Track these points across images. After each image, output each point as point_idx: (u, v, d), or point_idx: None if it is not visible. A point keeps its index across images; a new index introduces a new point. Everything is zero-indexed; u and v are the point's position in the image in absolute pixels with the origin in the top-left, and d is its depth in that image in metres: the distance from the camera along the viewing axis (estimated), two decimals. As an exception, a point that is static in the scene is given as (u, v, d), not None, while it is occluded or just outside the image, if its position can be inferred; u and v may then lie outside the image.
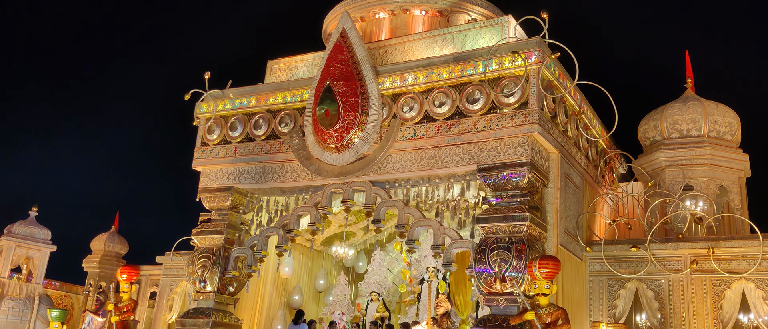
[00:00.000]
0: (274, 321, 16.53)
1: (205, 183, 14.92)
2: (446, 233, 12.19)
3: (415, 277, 16.45)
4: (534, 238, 11.40)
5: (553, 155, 12.26)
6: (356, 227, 17.32)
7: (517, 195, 11.54)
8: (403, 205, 12.72)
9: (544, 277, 10.31)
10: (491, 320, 11.02)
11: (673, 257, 12.89)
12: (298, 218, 13.92)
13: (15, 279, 20.04)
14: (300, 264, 17.58)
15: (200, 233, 14.72)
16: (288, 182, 13.98)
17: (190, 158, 15.16)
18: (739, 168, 16.27)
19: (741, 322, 12.44)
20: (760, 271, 12.08)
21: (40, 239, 20.63)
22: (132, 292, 14.72)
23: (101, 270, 20.10)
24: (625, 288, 13.09)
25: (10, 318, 19.40)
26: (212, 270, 14.22)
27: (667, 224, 14.45)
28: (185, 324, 14.10)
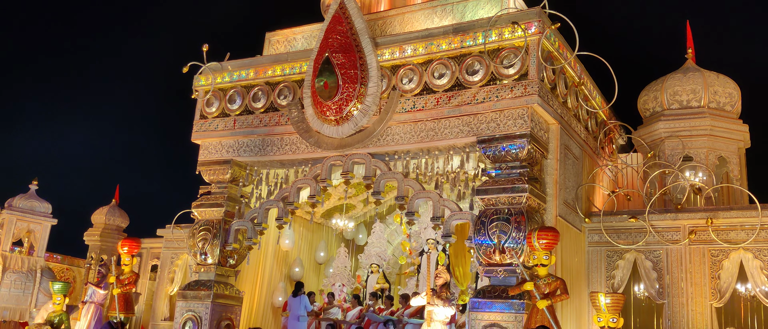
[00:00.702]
0: (275, 292, 16.66)
1: (204, 156, 14.93)
2: (446, 205, 12.23)
3: (415, 249, 16.54)
4: (533, 209, 11.44)
5: (552, 126, 12.25)
6: (356, 199, 17.37)
7: (517, 167, 11.55)
8: (402, 177, 12.74)
9: (543, 248, 10.37)
10: (490, 291, 11.10)
11: (672, 228, 12.95)
12: (298, 191, 13.95)
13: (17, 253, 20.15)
14: (300, 237, 17.66)
15: (200, 206, 14.76)
16: (287, 155, 13.99)
17: (189, 131, 15.15)
18: (739, 139, 16.27)
19: (738, 292, 12.54)
20: (758, 241, 12.14)
21: (40, 212, 20.70)
22: (133, 265, 14.84)
23: (102, 243, 20.20)
24: (623, 259, 13.17)
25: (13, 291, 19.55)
26: (213, 242, 14.30)
27: (666, 195, 14.49)
28: (187, 296, 14.21)
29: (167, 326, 17.21)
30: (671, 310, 12.62)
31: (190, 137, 15.17)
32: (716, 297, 12.36)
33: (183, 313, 14.09)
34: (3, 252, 19.73)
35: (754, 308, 12.64)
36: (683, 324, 12.44)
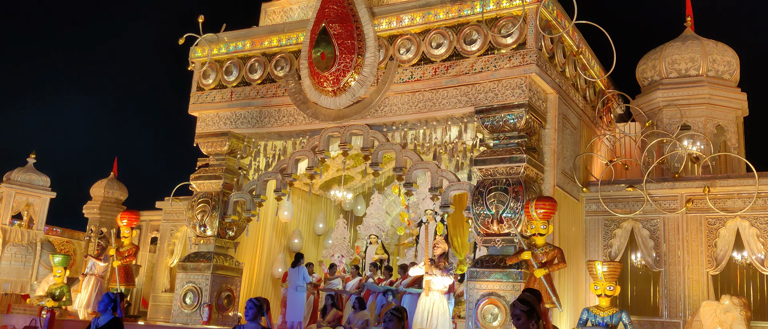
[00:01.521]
0: (275, 264, 16.76)
1: (201, 128, 14.90)
2: (444, 175, 12.25)
3: (414, 220, 16.60)
4: (531, 179, 11.46)
5: (550, 95, 12.22)
6: (354, 171, 17.38)
7: (515, 137, 11.55)
8: (400, 148, 12.74)
9: (541, 217, 10.42)
10: (488, 260, 11.18)
11: (669, 196, 12.99)
12: (296, 163, 13.96)
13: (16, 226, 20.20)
14: (299, 208, 17.71)
15: (198, 178, 14.78)
16: (285, 127, 13.97)
17: (186, 103, 15.11)
18: (737, 107, 16.24)
19: (734, 260, 12.63)
20: (755, 209, 12.20)
21: (39, 186, 20.71)
22: (132, 237, 14.90)
23: (101, 216, 20.24)
24: (620, 228, 13.23)
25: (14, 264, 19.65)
26: (212, 214, 14.34)
27: (664, 164, 14.51)
28: (187, 268, 14.30)
29: (168, 297, 17.33)
30: (668, 278, 12.72)
31: (187, 110, 15.13)
32: (713, 265, 12.45)
33: (183, 285, 14.20)
34: (3, 225, 19.79)
35: (750, 275, 12.73)
36: (679, 292, 12.55)
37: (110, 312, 7.46)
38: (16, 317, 12.94)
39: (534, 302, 5.09)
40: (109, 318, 7.43)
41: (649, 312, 12.95)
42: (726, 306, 10.14)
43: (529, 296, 5.15)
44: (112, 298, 7.55)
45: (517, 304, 5.09)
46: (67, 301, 14.44)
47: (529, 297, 5.13)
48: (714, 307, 10.28)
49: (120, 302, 7.58)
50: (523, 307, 5.04)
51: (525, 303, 5.09)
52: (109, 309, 7.47)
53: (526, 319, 5.01)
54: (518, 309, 5.05)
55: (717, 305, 10.32)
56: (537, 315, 5.04)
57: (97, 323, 7.45)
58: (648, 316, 12.81)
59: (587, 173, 13.74)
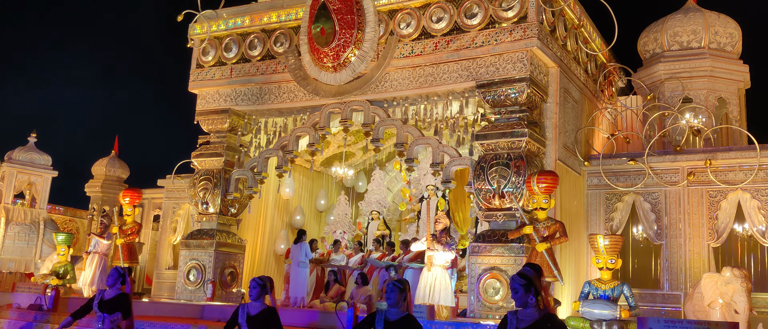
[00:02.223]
0: (277, 240, 16.82)
1: (202, 106, 14.87)
2: (445, 150, 12.23)
3: (415, 195, 16.62)
4: (532, 154, 11.45)
5: (552, 69, 12.16)
6: (355, 147, 17.37)
7: (516, 111, 11.52)
8: (401, 124, 12.71)
9: (543, 192, 10.43)
10: (490, 235, 11.21)
11: (671, 169, 12.99)
12: (297, 139, 13.94)
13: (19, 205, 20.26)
14: (300, 185, 17.74)
15: (200, 155, 14.78)
16: (285, 103, 13.93)
17: (187, 81, 15.06)
18: (739, 80, 16.18)
19: (735, 232, 12.66)
20: (756, 181, 12.20)
21: (40, 164, 20.72)
22: (135, 215, 14.93)
23: (104, 194, 20.29)
24: (622, 201, 13.25)
25: (17, 243, 19.73)
26: (213, 192, 14.37)
27: (666, 138, 14.49)
28: (190, 245, 14.36)
29: (171, 274, 17.43)
30: (669, 251, 12.77)
31: (187, 87, 15.09)
32: (713, 237, 12.49)
33: (187, 262, 14.28)
34: (5, 204, 19.84)
35: (751, 247, 12.78)
36: (681, 264, 12.61)
37: (118, 286, 7.52)
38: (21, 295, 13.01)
39: (533, 276, 5.18)
40: (117, 293, 7.48)
41: (650, 285, 13.03)
42: (727, 278, 10.18)
43: (529, 270, 5.23)
44: (121, 273, 7.61)
45: (516, 278, 5.19)
46: (72, 279, 14.52)
47: (528, 272, 5.22)
48: (715, 279, 10.32)
49: (128, 277, 7.64)
50: (522, 281, 5.14)
51: (523, 277, 5.18)
52: (118, 283, 7.53)
53: (523, 292, 5.11)
54: (517, 283, 5.15)
55: (718, 277, 10.36)
56: (535, 289, 5.13)
57: (103, 296, 7.49)
58: (649, 289, 12.88)
59: (589, 147, 13.73)
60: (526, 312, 5.14)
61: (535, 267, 5.28)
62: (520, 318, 5.13)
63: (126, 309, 7.43)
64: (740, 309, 10.02)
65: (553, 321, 5.08)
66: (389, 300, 6.09)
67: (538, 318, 5.06)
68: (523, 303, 5.15)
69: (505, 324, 5.20)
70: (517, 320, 5.12)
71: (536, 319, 5.05)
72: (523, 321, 5.10)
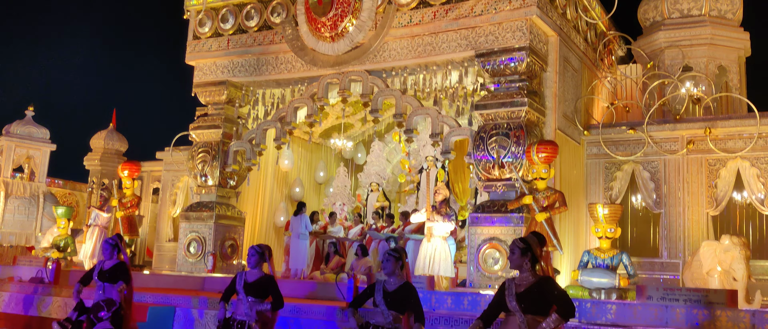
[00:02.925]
0: (277, 212, 16.85)
1: (199, 78, 14.78)
2: (444, 121, 12.19)
3: (414, 166, 16.61)
4: (532, 123, 11.41)
5: (551, 38, 12.06)
6: (354, 118, 17.31)
7: (516, 80, 11.45)
8: (400, 94, 12.64)
9: (542, 161, 10.41)
10: (490, 205, 11.22)
11: (670, 138, 12.97)
12: (295, 111, 13.89)
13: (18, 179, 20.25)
14: (299, 157, 17.71)
15: (198, 128, 14.73)
16: (283, 74, 13.85)
17: (184, 52, 14.95)
18: (739, 47, 16.05)
19: (734, 200, 12.68)
20: (756, 150, 12.19)
21: (38, 138, 20.68)
22: (134, 188, 14.94)
23: (102, 167, 20.26)
24: (621, 170, 13.25)
25: (17, 217, 19.77)
26: (212, 164, 14.35)
27: (665, 106, 14.44)
28: (190, 218, 14.39)
29: (172, 247, 17.48)
30: (668, 219, 12.80)
31: (184, 59, 14.98)
32: (712, 206, 12.51)
33: (187, 234, 14.32)
34: (4, 178, 19.83)
35: (750, 215, 12.81)
36: (679, 233, 12.65)
37: (115, 256, 7.55)
38: (22, 268, 13.07)
39: (533, 243, 5.28)
40: (115, 262, 7.52)
41: (649, 253, 13.08)
42: (725, 246, 10.20)
43: (531, 237, 5.33)
44: (113, 243, 7.62)
45: (516, 241, 5.31)
46: (72, 252, 14.57)
47: (529, 238, 5.32)
48: (713, 247, 10.35)
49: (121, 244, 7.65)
50: (520, 244, 5.25)
51: (524, 241, 5.29)
52: (114, 254, 7.56)
53: (519, 255, 5.22)
54: (515, 245, 5.26)
55: (717, 245, 10.39)
56: (533, 255, 5.21)
57: (102, 266, 7.53)
58: (648, 257, 12.94)
59: (588, 116, 13.68)
60: (523, 276, 5.24)
61: (538, 236, 5.37)
62: (518, 283, 5.23)
63: (126, 277, 7.48)
64: (739, 277, 10.07)
65: (549, 284, 5.17)
66: (385, 269, 6.13)
67: (535, 281, 5.16)
68: (518, 265, 5.24)
69: (504, 290, 5.28)
70: (514, 285, 5.21)
71: (532, 283, 5.16)
72: (521, 285, 5.20)
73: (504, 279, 6.05)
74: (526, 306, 5.07)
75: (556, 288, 5.15)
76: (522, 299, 5.10)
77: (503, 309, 5.23)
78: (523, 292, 5.13)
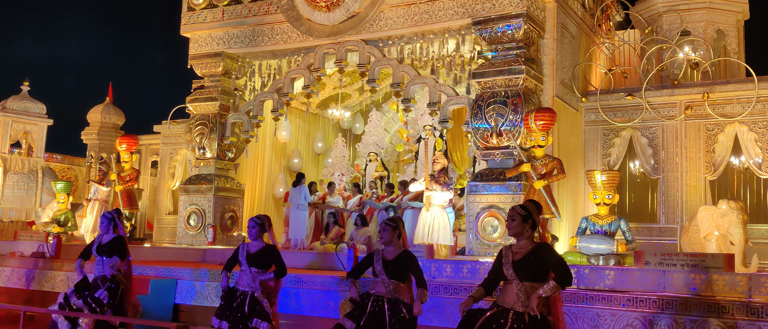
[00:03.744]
0: (276, 184, 16.87)
1: (194, 49, 14.69)
2: (442, 90, 12.15)
3: (412, 136, 16.59)
4: (530, 91, 11.38)
5: (548, 5, 11.96)
6: (351, 88, 17.24)
7: (513, 48, 11.39)
8: (397, 63, 12.59)
9: (540, 129, 10.40)
10: (488, 174, 11.24)
11: (668, 104, 12.95)
12: (292, 82, 13.83)
13: (16, 154, 20.23)
14: (297, 128, 17.68)
15: (195, 100, 14.69)
16: (279, 45, 13.76)
17: (179, 24, 14.83)
18: (738, 11, 15.95)
19: (732, 164, 12.72)
20: (754, 114, 12.18)
21: (35, 113, 20.61)
22: (132, 161, 14.95)
23: (100, 142, 20.22)
24: (619, 137, 13.25)
25: (16, 192, 19.79)
26: (210, 136, 14.34)
27: (663, 72, 14.38)
28: (189, 191, 14.42)
29: (172, 219, 17.54)
30: (666, 185, 12.84)
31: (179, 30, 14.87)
32: (710, 170, 12.55)
33: (187, 207, 14.36)
34: (2, 154, 19.81)
35: (747, 179, 12.85)
36: (677, 198, 12.70)
37: (112, 230, 7.57)
38: (23, 243, 13.12)
39: (533, 210, 5.28)
40: (112, 236, 7.54)
41: (647, 219, 13.15)
42: (723, 210, 10.25)
43: (530, 204, 5.33)
44: (110, 217, 7.64)
45: (516, 208, 5.30)
46: (73, 226, 14.63)
47: (529, 205, 5.33)
48: (711, 212, 10.40)
49: (119, 219, 7.67)
50: (522, 212, 5.23)
51: (524, 208, 5.28)
52: (110, 228, 7.58)
53: (520, 221, 5.21)
54: (516, 212, 5.26)
55: (714, 209, 10.43)
56: (533, 222, 5.21)
57: (101, 240, 7.56)
58: (646, 223, 13.01)
59: (586, 83, 13.64)
60: (521, 243, 5.23)
61: (536, 203, 5.38)
62: (515, 250, 5.23)
63: (122, 252, 7.50)
64: (736, 241, 10.14)
65: (546, 250, 5.18)
66: (382, 238, 6.17)
67: (532, 248, 5.16)
68: (519, 232, 5.23)
69: (501, 257, 5.28)
70: (511, 253, 5.22)
71: (530, 250, 5.16)
72: (518, 253, 5.19)
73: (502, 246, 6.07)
74: (523, 274, 5.08)
75: (554, 255, 5.15)
76: (519, 266, 5.11)
77: (501, 277, 5.25)
78: (520, 260, 5.13)
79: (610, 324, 7.40)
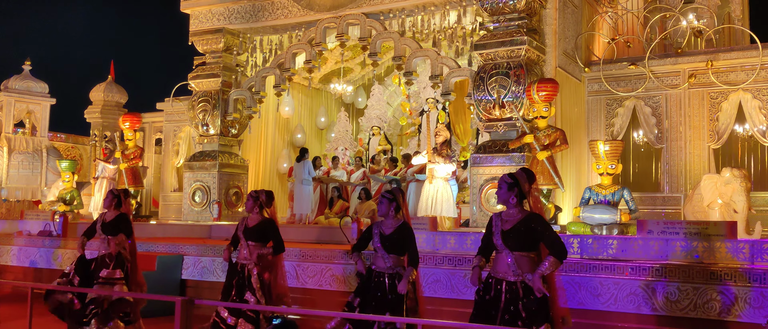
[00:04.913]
0: (279, 159, 16.91)
1: (195, 26, 14.64)
2: (444, 62, 12.11)
3: (415, 109, 16.58)
4: (532, 62, 11.32)
5: (551, -26, 11.86)
6: (353, 62, 17.19)
7: (515, 18, 11.31)
8: (399, 36, 12.53)
9: (543, 100, 10.38)
10: (491, 145, 11.24)
11: (672, 72, 12.88)
12: (294, 57, 13.79)
13: (20, 134, 20.28)
14: (300, 103, 17.67)
15: (197, 77, 14.68)
16: (280, 20, 13.70)
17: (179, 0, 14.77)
18: (743, -23, 15.79)
19: (736, 132, 12.68)
20: (758, 81, 12.11)
21: (37, 92, 20.61)
22: (136, 139, 14.98)
23: (104, 120, 20.24)
24: (622, 106, 13.21)
25: (22, 172, 19.88)
26: (213, 113, 14.35)
27: (667, 40, 14.28)
28: (193, 167, 14.48)
29: (177, 197, 17.63)
30: (669, 154, 12.83)
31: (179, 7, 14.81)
32: (714, 139, 12.52)
33: (191, 184, 14.44)
34: (6, 134, 19.86)
35: (751, 147, 12.83)
36: (681, 167, 12.69)
37: (115, 208, 7.61)
38: (30, 223, 13.22)
39: (521, 179, 5.17)
40: (116, 214, 7.59)
41: (650, 189, 13.16)
42: (726, 179, 10.24)
43: (519, 173, 5.22)
44: (116, 195, 7.68)
45: (504, 176, 5.22)
46: (79, 205, 14.71)
47: (518, 174, 5.22)
48: (714, 180, 10.40)
49: (123, 198, 7.70)
50: (508, 180, 5.17)
51: (511, 176, 5.20)
52: (114, 205, 7.62)
53: (506, 190, 5.15)
54: (503, 180, 5.19)
55: (717, 177, 10.43)
56: (520, 191, 5.13)
57: (104, 218, 7.62)
58: (650, 192, 13.02)
59: (589, 53, 13.56)
60: (510, 212, 5.16)
61: (528, 172, 5.26)
62: (505, 219, 5.16)
63: (127, 229, 7.55)
64: (739, 209, 10.15)
65: (537, 220, 5.06)
66: (380, 211, 6.08)
67: (522, 218, 5.09)
68: (504, 201, 5.17)
69: (491, 225, 5.22)
70: (501, 221, 5.16)
71: (519, 219, 5.08)
72: (508, 222, 5.13)
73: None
74: (512, 244, 5.01)
75: (545, 227, 5.02)
76: (507, 236, 5.04)
77: (492, 246, 5.19)
78: (510, 230, 5.05)
79: (614, 292, 7.46)
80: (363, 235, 6.30)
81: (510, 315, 4.91)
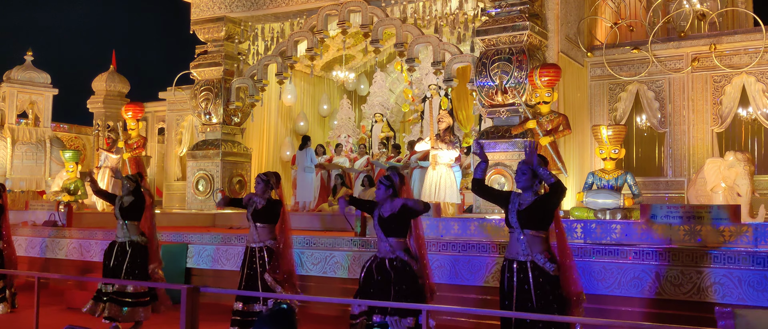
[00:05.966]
0: (283, 147, 16.93)
1: (196, 14, 14.61)
2: (446, 48, 12.08)
3: (417, 96, 16.56)
4: (535, 47, 11.29)
5: (553, -42, 11.79)
6: (355, 49, 17.16)
7: (517, 4, 11.26)
8: (400, 23, 12.49)
9: (545, 85, 10.35)
10: (493, 131, 11.24)
11: (675, 56, 12.84)
12: (295, 45, 13.77)
13: (23, 125, 20.31)
14: (302, 91, 17.66)
15: (198, 66, 14.67)
16: (281, 7, 13.66)
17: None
18: (747, -41, 15.67)
19: (739, 116, 12.65)
20: (761, 64, 12.07)
21: (40, 83, 20.61)
22: (139, 129, 15.00)
23: (106, 110, 20.24)
24: (625, 91, 13.18)
25: (25, 162, 19.93)
26: (215, 102, 14.35)
27: (670, 24, 14.21)
28: (196, 156, 14.50)
29: (180, 185, 17.67)
30: (672, 138, 12.81)
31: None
32: (717, 123, 12.49)
33: (195, 173, 14.47)
34: (9, 124, 19.89)
35: (755, 131, 12.80)
36: (684, 151, 12.68)
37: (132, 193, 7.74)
38: (35, 213, 13.28)
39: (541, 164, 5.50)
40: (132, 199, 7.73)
41: (654, 173, 13.16)
42: (730, 162, 10.23)
43: (538, 159, 5.53)
44: (133, 179, 7.80)
45: (523, 164, 5.47)
46: (83, 195, 14.75)
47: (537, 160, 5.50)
48: (718, 164, 10.38)
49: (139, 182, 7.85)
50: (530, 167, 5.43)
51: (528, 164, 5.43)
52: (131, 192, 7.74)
53: (531, 176, 5.43)
54: (526, 166, 5.44)
55: (721, 161, 10.41)
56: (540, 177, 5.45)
57: (121, 203, 7.72)
58: (653, 176, 13.02)
59: (591, 38, 13.51)
60: (526, 196, 5.45)
61: (542, 157, 5.57)
62: (521, 201, 5.44)
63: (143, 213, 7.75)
64: (743, 192, 10.14)
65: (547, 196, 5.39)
66: (377, 196, 6.07)
67: (536, 199, 5.40)
68: (528, 186, 5.45)
69: (508, 201, 5.49)
70: (518, 203, 5.43)
71: (534, 200, 5.39)
72: (523, 204, 5.41)
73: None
74: (524, 221, 5.32)
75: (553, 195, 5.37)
76: (521, 215, 5.35)
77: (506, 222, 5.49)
78: (524, 210, 5.37)
79: (617, 277, 7.48)
80: (367, 201, 6.39)
81: (521, 295, 5.24)
